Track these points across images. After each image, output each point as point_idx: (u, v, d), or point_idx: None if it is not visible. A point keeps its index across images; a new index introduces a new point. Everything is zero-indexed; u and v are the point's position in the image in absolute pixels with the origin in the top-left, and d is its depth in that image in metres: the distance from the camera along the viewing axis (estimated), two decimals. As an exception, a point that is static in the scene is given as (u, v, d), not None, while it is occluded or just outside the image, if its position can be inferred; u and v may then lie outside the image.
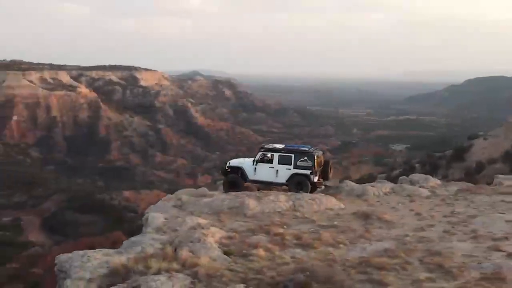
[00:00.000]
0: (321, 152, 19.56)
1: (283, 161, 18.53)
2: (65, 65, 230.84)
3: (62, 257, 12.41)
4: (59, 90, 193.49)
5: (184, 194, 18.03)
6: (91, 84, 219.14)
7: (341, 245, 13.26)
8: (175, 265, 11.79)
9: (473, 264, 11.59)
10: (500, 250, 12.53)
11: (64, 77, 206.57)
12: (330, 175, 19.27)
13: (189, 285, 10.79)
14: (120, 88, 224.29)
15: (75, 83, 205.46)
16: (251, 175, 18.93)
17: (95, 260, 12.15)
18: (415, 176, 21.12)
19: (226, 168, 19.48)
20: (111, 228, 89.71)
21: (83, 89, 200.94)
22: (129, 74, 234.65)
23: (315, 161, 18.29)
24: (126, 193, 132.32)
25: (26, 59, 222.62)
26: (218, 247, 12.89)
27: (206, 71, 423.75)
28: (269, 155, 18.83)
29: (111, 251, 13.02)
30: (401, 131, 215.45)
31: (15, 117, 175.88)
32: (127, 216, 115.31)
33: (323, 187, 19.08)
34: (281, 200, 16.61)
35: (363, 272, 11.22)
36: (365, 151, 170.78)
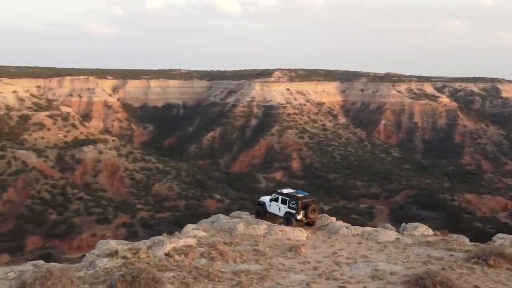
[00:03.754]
0: (310, 199, 25.10)
1: (283, 202, 25.42)
2: (431, 77, 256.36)
3: (99, 241, 22.88)
4: (422, 99, 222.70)
5: (225, 214, 26.22)
6: (453, 94, 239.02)
7: (231, 263, 19.77)
8: (129, 255, 20.82)
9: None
10: (308, 286, 17.20)
11: (428, 88, 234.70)
12: (313, 216, 24.52)
13: (118, 266, 19.81)
14: (480, 98, 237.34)
15: (437, 94, 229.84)
16: (268, 209, 25.99)
17: (108, 245, 22.21)
18: (409, 224, 23.37)
19: (259, 201, 26.81)
20: (445, 227, 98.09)
21: (444, 99, 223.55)
22: (491, 85, 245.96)
23: (299, 204, 24.16)
24: (469, 196, 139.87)
25: (399, 72, 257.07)
26: (168, 250, 21.13)
27: None
28: (277, 197, 25.53)
29: (124, 241, 22.80)
30: None
31: (383, 121, 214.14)
32: (464, 217, 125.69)
33: (312, 223, 24.60)
34: (261, 228, 23.21)
35: (199, 280, 18.07)
36: None
